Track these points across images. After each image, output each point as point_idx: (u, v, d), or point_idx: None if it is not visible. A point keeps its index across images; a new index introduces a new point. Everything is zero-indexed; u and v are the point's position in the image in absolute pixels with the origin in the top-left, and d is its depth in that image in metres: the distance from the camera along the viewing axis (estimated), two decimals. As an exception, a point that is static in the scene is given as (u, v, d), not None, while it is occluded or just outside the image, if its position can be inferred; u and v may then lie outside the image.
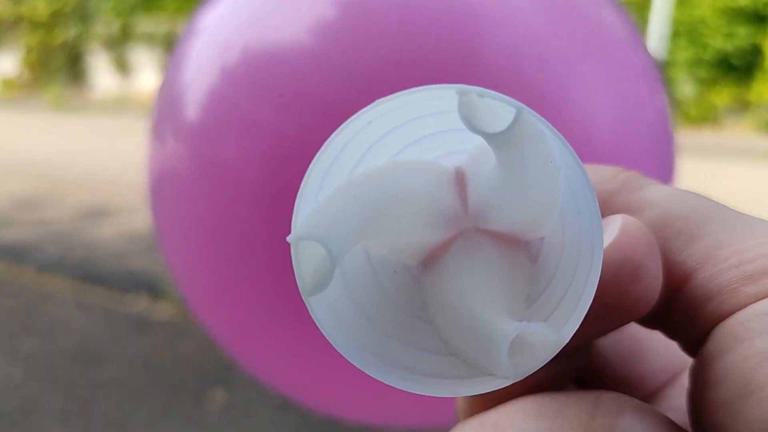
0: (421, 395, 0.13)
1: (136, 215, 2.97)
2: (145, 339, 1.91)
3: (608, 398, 0.14)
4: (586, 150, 0.17)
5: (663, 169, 0.20)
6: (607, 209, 0.16)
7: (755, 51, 6.60)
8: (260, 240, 0.17)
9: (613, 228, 0.14)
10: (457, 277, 0.14)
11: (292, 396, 0.21)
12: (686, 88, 6.72)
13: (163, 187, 0.19)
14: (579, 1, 0.18)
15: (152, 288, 2.18)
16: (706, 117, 6.67)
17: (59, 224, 2.87)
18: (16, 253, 2.51)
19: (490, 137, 0.13)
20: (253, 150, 0.17)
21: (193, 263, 0.18)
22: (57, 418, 1.54)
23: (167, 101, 0.19)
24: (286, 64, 0.17)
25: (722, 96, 6.73)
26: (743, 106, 6.74)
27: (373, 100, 0.13)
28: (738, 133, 6.43)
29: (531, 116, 0.12)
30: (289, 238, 0.12)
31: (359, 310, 0.14)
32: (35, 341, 1.89)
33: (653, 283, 0.14)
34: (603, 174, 0.17)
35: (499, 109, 0.12)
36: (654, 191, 0.15)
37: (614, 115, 0.18)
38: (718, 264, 0.13)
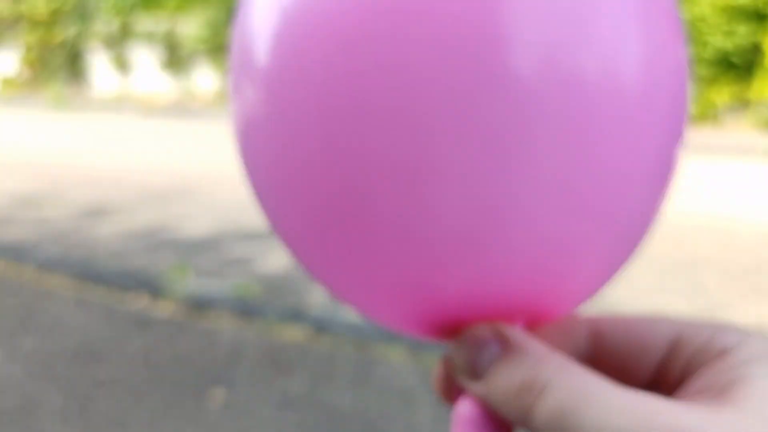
0: None
1: (136, 214, 2.97)
2: (145, 337, 1.91)
3: None
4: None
5: (677, 124, 0.19)
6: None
7: (755, 49, 6.59)
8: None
9: None
10: None
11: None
12: (686, 86, 6.71)
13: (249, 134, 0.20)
14: None
15: (152, 286, 2.18)
16: (706, 115, 6.66)
17: (59, 223, 2.87)
18: (16, 252, 2.51)
19: None
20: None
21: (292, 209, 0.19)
22: (57, 416, 1.54)
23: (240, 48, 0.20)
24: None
25: (722, 94, 6.72)
26: (743, 104, 6.73)
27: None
28: (738, 130, 6.42)
29: None
30: None
31: None
32: (35, 339, 1.89)
33: None
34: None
35: None
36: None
37: (642, 52, 0.18)
38: None
